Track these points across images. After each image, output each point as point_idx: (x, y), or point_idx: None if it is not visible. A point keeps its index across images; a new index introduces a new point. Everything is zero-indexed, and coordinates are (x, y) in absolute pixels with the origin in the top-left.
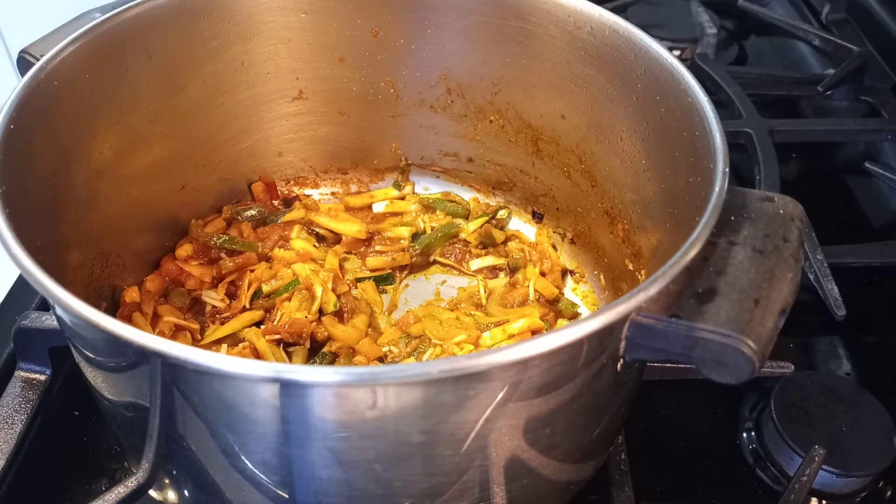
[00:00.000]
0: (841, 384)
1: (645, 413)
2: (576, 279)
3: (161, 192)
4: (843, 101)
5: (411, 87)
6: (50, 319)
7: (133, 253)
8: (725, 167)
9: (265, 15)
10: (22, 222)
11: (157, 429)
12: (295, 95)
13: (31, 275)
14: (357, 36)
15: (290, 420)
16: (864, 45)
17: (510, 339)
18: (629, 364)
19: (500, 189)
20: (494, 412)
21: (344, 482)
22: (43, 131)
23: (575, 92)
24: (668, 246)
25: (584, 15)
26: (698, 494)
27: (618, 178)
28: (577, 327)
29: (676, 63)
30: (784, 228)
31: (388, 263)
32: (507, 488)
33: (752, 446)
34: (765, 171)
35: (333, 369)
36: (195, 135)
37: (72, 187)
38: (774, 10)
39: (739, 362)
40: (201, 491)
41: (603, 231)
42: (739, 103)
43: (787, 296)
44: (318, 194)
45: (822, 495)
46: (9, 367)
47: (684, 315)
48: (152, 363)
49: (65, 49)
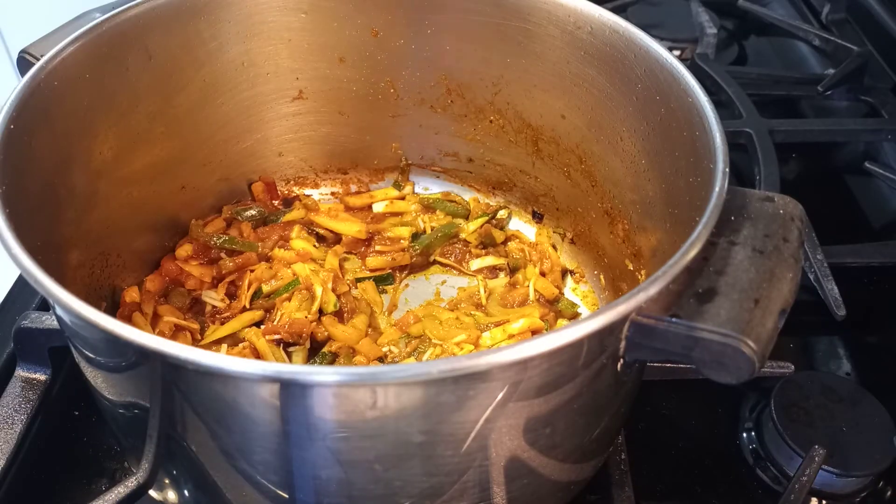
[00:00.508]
0: (841, 384)
1: (645, 413)
2: (576, 279)
3: (161, 192)
4: (843, 101)
5: (411, 87)
6: (50, 319)
7: (133, 253)
8: (725, 167)
9: (265, 15)
10: (22, 222)
11: (157, 429)
12: (295, 95)
13: (31, 275)
14: (357, 36)
15: (290, 420)
16: (864, 45)
17: (510, 339)
18: (629, 364)
19: (500, 189)
20: (494, 412)
21: (344, 482)
22: (43, 131)
23: (575, 92)
24: (668, 246)
25: (584, 15)
26: (698, 494)
27: (618, 178)
28: (577, 327)
29: (676, 63)
30: (784, 228)
31: (388, 263)
32: (507, 488)
33: (752, 446)
34: (765, 171)
35: (333, 369)
36: (195, 135)
37: (72, 187)
38: (774, 10)
39: (739, 362)
40: (201, 491)
41: (603, 231)
42: (739, 103)
43: (787, 296)
44: (318, 194)
45: (822, 495)
46: (9, 367)
47: (684, 315)
48: (152, 363)
49: (65, 49)
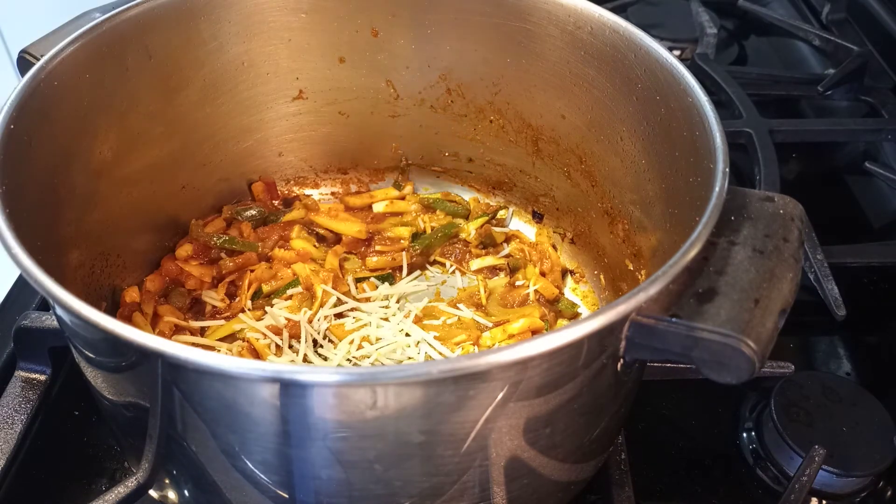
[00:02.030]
0: (841, 384)
1: (645, 413)
2: (576, 279)
3: (161, 192)
4: (843, 101)
5: (411, 87)
6: (50, 319)
7: (133, 253)
8: (725, 167)
9: (265, 15)
10: (22, 222)
11: (157, 429)
12: (295, 95)
13: (31, 275)
14: (357, 36)
15: (290, 420)
16: (864, 45)
17: (510, 339)
18: (629, 364)
19: (500, 189)
20: (494, 412)
21: (344, 482)
22: (43, 131)
23: (575, 92)
24: (668, 246)
25: (584, 15)
26: (698, 494)
27: (618, 178)
28: (577, 327)
29: (676, 63)
30: (784, 228)
31: (388, 263)
32: (507, 488)
33: (752, 446)
34: (765, 171)
35: (334, 369)
36: (195, 135)
37: (72, 187)
38: (774, 10)
39: (739, 362)
40: (201, 491)
41: (603, 231)
42: (739, 103)
43: (787, 296)
44: (318, 194)
45: (822, 495)
46: (9, 367)
47: (684, 315)
48: (152, 363)
49: (65, 49)
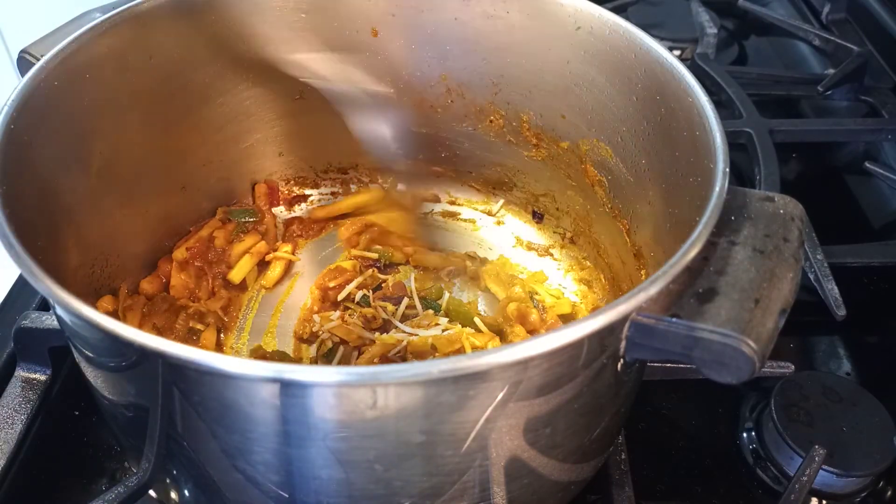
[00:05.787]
0: (841, 384)
1: (645, 413)
2: (576, 279)
3: (161, 193)
4: (843, 101)
5: (411, 87)
6: (50, 319)
7: (133, 253)
8: (726, 167)
9: (265, 15)
10: (22, 222)
11: (157, 429)
12: (295, 96)
13: (32, 275)
14: (357, 36)
15: (290, 420)
16: (864, 45)
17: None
18: (629, 364)
19: (500, 189)
20: (495, 412)
21: (344, 482)
22: (43, 131)
23: (575, 92)
24: (669, 246)
25: (584, 15)
26: (698, 494)
27: (618, 178)
28: (577, 327)
29: (676, 63)
30: (784, 228)
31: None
32: (507, 488)
33: (752, 446)
34: (765, 171)
35: (334, 369)
36: (195, 135)
37: (72, 187)
38: (774, 10)
39: (740, 362)
40: (201, 491)
41: (603, 231)
42: (739, 103)
43: (787, 296)
44: (318, 194)
45: (822, 495)
46: (9, 367)
47: (684, 315)
48: (152, 363)
49: (65, 49)
